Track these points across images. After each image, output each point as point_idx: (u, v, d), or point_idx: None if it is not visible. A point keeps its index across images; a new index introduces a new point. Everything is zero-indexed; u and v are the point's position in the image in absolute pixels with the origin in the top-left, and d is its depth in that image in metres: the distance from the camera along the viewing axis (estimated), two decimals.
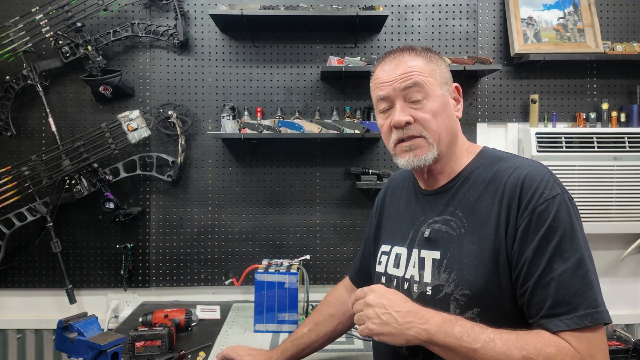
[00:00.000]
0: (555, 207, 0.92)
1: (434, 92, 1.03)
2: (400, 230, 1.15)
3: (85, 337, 1.24)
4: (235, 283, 2.05)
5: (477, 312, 0.95)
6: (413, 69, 1.03)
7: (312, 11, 2.10)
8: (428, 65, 1.05)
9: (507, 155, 1.07)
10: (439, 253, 1.02)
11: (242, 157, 2.27)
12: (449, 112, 1.06)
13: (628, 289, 2.35)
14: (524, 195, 0.94)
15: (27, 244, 2.20)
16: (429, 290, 1.01)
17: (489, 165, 1.05)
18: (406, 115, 1.02)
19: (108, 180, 2.12)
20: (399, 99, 1.04)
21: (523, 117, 2.32)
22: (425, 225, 1.07)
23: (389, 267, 1.13)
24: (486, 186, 1.01)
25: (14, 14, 2.12)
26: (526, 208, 0.93)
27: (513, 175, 0.98)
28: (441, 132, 1.03)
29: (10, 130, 2.15)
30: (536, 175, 0.96)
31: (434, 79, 1.04)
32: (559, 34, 2.28)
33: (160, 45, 2.24)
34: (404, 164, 1.06)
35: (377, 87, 1.07)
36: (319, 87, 2.28)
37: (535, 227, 0.92)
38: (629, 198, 2.16)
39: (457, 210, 1.03)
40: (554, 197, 0.93)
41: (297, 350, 1.32)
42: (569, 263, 0.89)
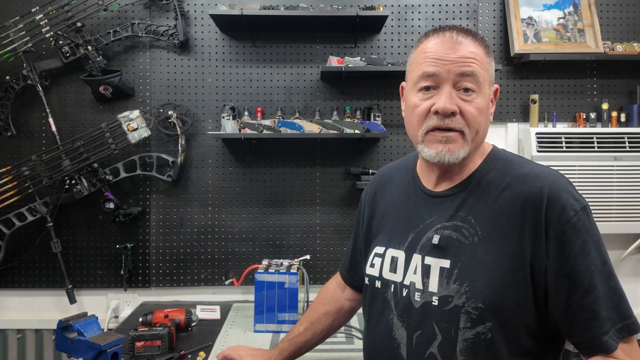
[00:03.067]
0: (585, 220, 0.89)
1: (484, 87, 0.96)
2: (397, 231, 1.07)
3: (85, 337, 1.24)
4: (235, 283, 2.05)
5: (489, 326, 0.90)
6: (474, 56, 0.94)
7: (312, 11, 2.10)
8: (486, 58, 0.97)
9: (521, 160, 1.01)
10: (449, 262, 0.95)
11: (242, 157, 2.27)
12: (488, 113, 0.99)
13: (628, 289, 2.33)
14: (553, 208, 0.89)
15: (27, 244, 2.20)
16: (435, 300, 0.94)
17: (502, 169, 0.98)
18: (454, 105, 0.92)
19: (108, 180, 2.12)
20: (448, 83, 0.93)
21: (523, 117, 2.32)
22: (433, 230, 0.99)
23: (384, 271, 1.06)
24: (501, 193, 0.95)
25: (14, 14, 2.12)
26: (558, 221, 0.88)
27: (535, 185, 0.92)
28: (480, 132, 0.96)
29: (10, 130, 2.15)
30: (560, 186, 0.92)
31: (487, 74, 0.97)
32: (559, 34, 2.28)
33: (160, 45, 2.24)
34: (432, 156, 0.96)
35: (426, 61, 0.95)
36: (319, 87, 2.28)
37: (570, 242, 0.88)
38: (629, 198, 2.16)
39: (469, 217, 0.96)
40: (583, 209, 0.90)
41: (294, 349, 1.30)
42: (604, 276, 0.88)
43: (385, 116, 2.26)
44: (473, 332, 0.91)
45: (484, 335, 0.90)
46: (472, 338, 0.91)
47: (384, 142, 2.29)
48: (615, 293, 0.89)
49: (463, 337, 0.91)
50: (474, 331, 0.90)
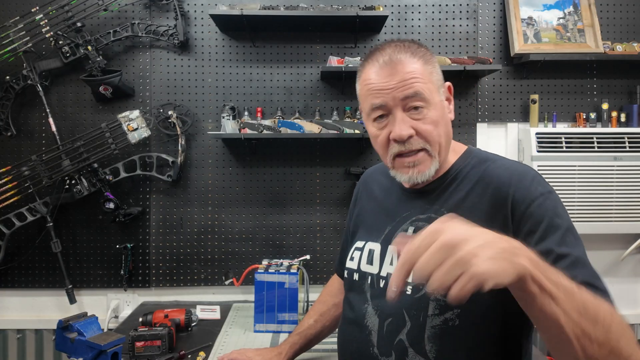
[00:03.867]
0: (551, 202, 0.91)
1: (433, 99, 0.98)
2: (376, 225, 1.11)
3: (85, 337, 1.24)
4: (235, 283, 2.05)
5: (457, 312, 0.93)
6: (412, 75, 0.96)
7: (312, 11, 2.10)
8: (426, 68, 0.99)
9: (494, 157, 1.04)
10: None
11: (242, 157, 2.27)
12: (446, 119, 1.01)
13: (628, 289, 2.35)
14: (519, 191, 0.92)
15: (27, 244, 2.20)
16: (409, 289, 0.98)
17: (476, 165, 1.02)
18: (408, 129, 0.95)
19: (108, 180, 2.12)
20: (398, 109, 0.96)
21: (523, 117, 2.32)
22: (408, 222, 1.04)
23: (362, 263, 1.10)
24: (473, 186, 0.99)
25: (14, 14, 2.12)
26: (523, 201, 0.90)
27: (503, 174, 0.96)
28: (442, 142, 0.99)
29: (10, 130, 2.15)
30: (527, 172, 0.96)
31: (432, 84, 0.99)
32: (559, 34, 2.28)
33: (160, 45, 2.24)
34: (405, 180, 1.02)
35: (371, 94, 0.99)
36: (319, 87, 2.28)
37: (538, 222, 0.88)
38: (629, 198, 2.16)
39: (442, 209, 1.00)
40: (550, 192, 0.93)
41: (305, 342, 1.34)
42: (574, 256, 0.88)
43: None
44: (441, 319, 0.93)
45: (452, 321, 0.92)
46: (439, 324, 0.93)
47: None
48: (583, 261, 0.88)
49: (431, 324, 0.94)
50: (441, 317, 0.93)
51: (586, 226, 2.16)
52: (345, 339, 1.11)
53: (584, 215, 2.16)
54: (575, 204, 2.16)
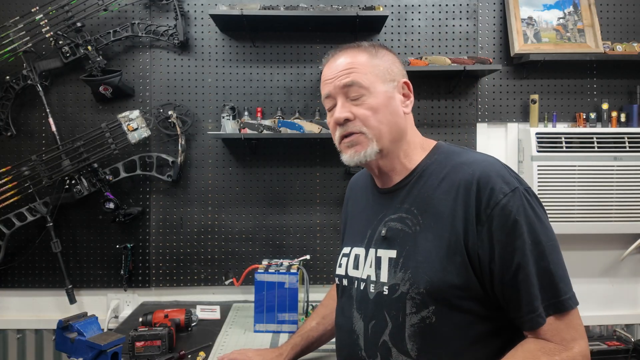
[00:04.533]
0: (516, 201, 0.91)
1: (374, 88, 1.02)
2: (359, 230, 1.13)
3: (85, 337, 1.24)
4: (235, 283, 2.05)
5: (432, 310, 0.94)
6: (352, 65, 1.03)
7: (312, 11, 2.10)
8: (371, 61, 1.04)
9: (461, 150, 1.06)
10: (395, 252, 1.00)
11: (242, 157, 2.27)
12: (392, 109, 1.04)
13: (628, 289, 2.35)
14: (482, 192, 0.93)
15: (27, 244, 2.20)
16: (386, 289, 0.99)
17: (443, 161, 1.03)
18: (345, 112, 1.02)
19: (108, 180, 2.12)
20: (340, 96, 1.04)
21: (523, 117, 2.32)
22: (382, 223, 1.05)
23: (349, 268, 1.11)
24: (440, 182, 1.00)
25: (14, 14, 2.12)
26: (487, 205, 0.92)
27: (467, 171, 0.96)
28: (382, 128, 1.02)
29: (10, 130, 2.15)
30: (491, 169, 0.95)
31: (375, 76, 1.03)
32: (559, 34, 2.28)
33: (160, 45, 2.24)
34: (347, 160, 1.06)
35: (322, 86, 1.09)
36: (319, 87, 2.27)
37: (500, 224, 0.91)
38: (629, 198, 2.16)
39: (412, 208, 1.01)
40: (513, 191, 0.92)
41: (306, 344, 1.34)
42: (535, 256, 0.90)
43: None
44: (418, 317, 0.94)
45: (429, 319, 0.93)
46: (418, 323, 0.95)
47: None
48: (546, 272, 0.89)
49: (410, 322, 0.95)
50: (419, 316, 0.94)
51: (586, 226, 2.16)
52: (339, 345, 1.12)
53: (584, 215, 2.16)
54: (575, 204, 2.16)
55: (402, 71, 1.10)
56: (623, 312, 2.33)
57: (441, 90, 2.28)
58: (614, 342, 2.21)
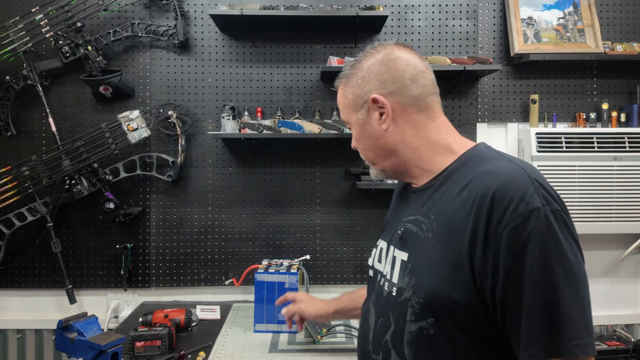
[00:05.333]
0: (531, 225, 0.79)
1: (351, 120, 1.08)
2: (390, 225, 1.14)
3: (85, 337, 1.24)
4: (235, 283, 2.05)
5: (431, 322, 0.89)
6: (338, 101, 1.10)
7: (312, 11, 2.10)
8: (343, 92, 1.08)
9: (495, 156, 0.95)
10: (407, 255, 0.98)
11: (242, 157, 2.27)
12: (369, 133, 1.05)
13: (628, 289, 2.35)
14: (496, 210, 0.82)
15: (27, 244, 2.20)
16: (394, 291, 0.98)
17: (473, 165, 0.93)
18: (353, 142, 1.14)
19: (108, 180, 2.12)
20: None
21: (523, 117, 2.32)
22: (402, 223, 1.03)
23: (375, 260, 1.12)
24: (461, 190, 0.91)
25: (14, 14, 2.12)
26: (498, 225, 0.81)
27: (488, 183, 0.85)
28: (368, 155, 1.09)
29: (10, 130, 2.15)
30: (513, 184, 0.83)
31: (348, 108, 1.08)
32: (559, 34, 2.28)
33: (160, 45, 2.24)
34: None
35: None
36: (319, 87, 2.28)
37: (507, 247, 0.80)
38: (629, 198, 2.16)
39: (430, 212, 0.96)
40: (531, 212, 0.79)
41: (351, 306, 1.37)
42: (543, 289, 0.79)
43: None
44: (417, 326, 0.91)
45: (427, 330, 0.90)
46: (415, 331, 0.92)
47: None
48: (553, 309, 0.77)
49: (409, 329, 0.93)
50: (417, 325, 0.91)
51: (586, 226, 2.16)
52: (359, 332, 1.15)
53: (584, 215, 2.16)
54: (575, 204, 2.16)
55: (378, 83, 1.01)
56: (623, 312, 2.33)
57: (441, 90, 2.21)
58: (614, 342, 2.21)
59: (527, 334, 0.79)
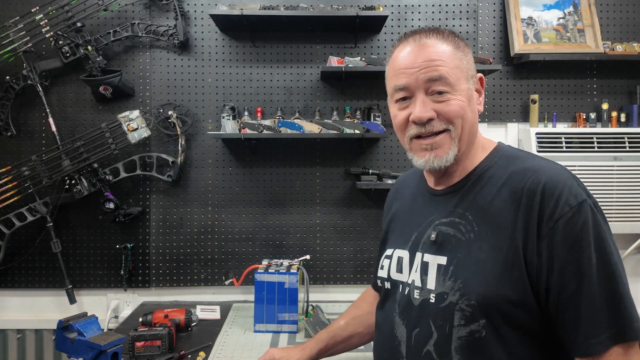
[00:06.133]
0: (582, 216, 0.84)
1: (459, 85, 0.94)
2: (404, 232, 1.07)
3: (85, 337, 1.24)
4: (235, 283, 2.05)
5: (483, 324, 0.87)
6: (439, 57, 0.93)
7: (312, 11, 2.10)
8: (455, 54, 0.95)
9: (524, 155, 0.98)
10: (446, 258, 0.94)
11: (242, 157, 2.27)
12: (472, 107, 0.96)
13: None
14: (547, 204, 0.85)
15: (27, 244, 2.20)
16: (432, 297, 0.93)
17: (504, 165, 0.95)
18: (429, 111, 0.92)
19: (108, 180, 2.12)
20: (420, 91, 0.94)
21: (523, 117, 2.32)
22: (432, 227, 0.99)
23: (392, 271, 1.06)
24: (500, 188, 0.92)
25: (14, 14, 2.12)
26: (550, 218, 0.84)
27: (532, 179, 0.89)
28: (465, 129, 0.95)
29: (10, 130, 2.15)
30: (558, 179, 0.88)
31: (460, 71, 0.94)
32: (559, 34, 2.28)
33: (160, 45, 2.24)
34: (421, 164, 0.97)
35: (396, 75, 0.96)
36: (319, 87, 2.28)
37: (563, 239, 0.83)
38: (629, 198, 2.16)
39: (467, 213, 0.94)
40: (580, 204, 0.85)
41: (332, 342, 1.26)
42: (602, 276, 0.82)
43: (386, 116, 2.26)
44: (467, 330, 0.89)
45: (478, 333, 0.87)
46: (466, 336, 0.89)
47: (384, 142, 2.29)
48: (615, 295, 0.81)
49: (457, 335, 0.89)
50: (467, 329, 0.88)
51: None
52: (378, 348, 1.08)
53: None
54: None
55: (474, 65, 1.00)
56: None
57: None
58: None
59: (588, 322, 0.81)
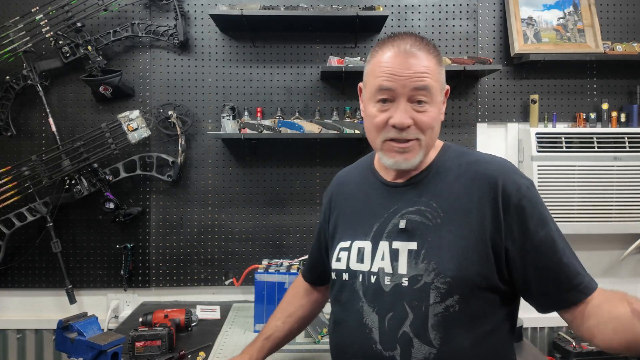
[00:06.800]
0: (535, 194, 1.01)
1: (436, 98, 1.03)
2: (361, 223, 1.12)
3: (85, 337, 1.24)
4: (235, 283, 2.05)
5: (457, 299, 0.97)
6: (427, 70, 1.00)
7: (312, 11, 2.10)
8: (437, 68, 1.03)
9: (469, 150, 1.13)
10: (416, 244, 1.02)
11: (242, 157, 2.27)
12: (440, 118, 1.07)
13: (628, 289, 2.34)
14: (510, 187, 0.99)
15: (27, 244, 2.20)
16: (405, 281, 1.00)
17: (455, 159, 1.09)
18: (409, 118, 1.00)
19: (108, 180, 2.12)
20: (403, 98, 1.00)
21: (523, 117, 2.32)
22: (399, 216, 1.06)
23: (352, 262, 1.10)
24: (457, 178, 1.04)
25: (14, 14, 2.12)
26: (517, 197, 0.98)
27: (489, 168, 1.03)
28: (433, 138, 1.06)
29: (10, 130, 2.15)
30: (508, 168, 1.04)
31: (438, 85, 1.04)
32: (559, 34, 2.28)
33: (160, 45, 2.24)
34: (390, 164, 1.06)
35: (382, 76, 1.01)
36: (319, 87, 2.28)
37: (529, 215, 0.98)
38: (629, 198, 2.16)
39: (431, 201, 1.04)
40: (528, 187, 1.01)
41: (272, 345, 1.33)
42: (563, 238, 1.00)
43: None
44: (442, 306, 0.97)
45: (452, 307, 0.97)
46: (442, 312, 0.97)
47: None
48: (569, 258, 0.98)
49: (434, 312, 0.98)
50: (443, 305, 0.97)
51: (586, 226, 2.16)
52: (343, 342, 1.10)
53: (584, 215, 2.16)
54: (575, 204, 2.16)
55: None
56: None
57: None
58: None
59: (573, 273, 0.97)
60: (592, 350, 2.11)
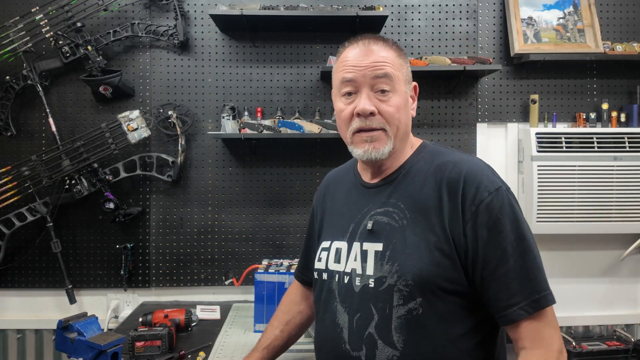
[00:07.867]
0: (499, 199, 0.97)
1: (399, 87, 1.04)
2: (340, 224, 1.14)
3: (85, 337, 1.24)
4: (235, 283, 2.05)
5: (419, 301, 0.96)
6: (385, 60, 1.03)
7: (312, 11, 2.10)
8: (398, 60, 1.06)
9: (446, 150, 1.11)
10: (382, 245, 1.02)
11: (242, 157, 2.27)
12: (407, 110, 1.07)
13: (628, 289, 2.35)
14: (468, 190, 0.97)
15: (27, 244, 2.20)
16: (372, 282, 1.01)
17: (429, 159, 1.08)
18: (371, 105, 1.01)
19: (108, 180, 2.12)
20: (365, 87, 1.03)
21: (523, 117, 2.32)
22: (368, 217, 1.07)
23: (330, 262, 1.12)
24: (427, 179, 1.04)
25: (14, 14, 2.12)
26: (472, 202, 0.96)
27: (454, 169, 1.01)
28: (400, 127, 1.05)
29: (10, 130, 2.15)
30: (477, 169, 1.01)
31: (401, 74, 1.05)
32: (559, 34, 2.28)
33: (160, 45, 2.24)
34: (360, 155, 1.06)
35: (344, 69, 1.05)
36: (319, 87, 2.28)
37: (484, 221, 0.95)
38: (629, 198, 2.16)
39: (399, 202, 1.04)
40: (497, 190, 0.97)
41: (272, 355, 1.30)
42: (518, 252, 0.94)
43: None
44: (405, 309, 0.97)
45: (416, 310, 0.96)
46: (404, 314, 0.97)
47: None
48: (528, 268, 0.94)
49: (397, 314, 0.97)
50: (406, 307, 0.96)
51: (586, 226, 2.16)
52: (321, 339, 1.11)
53: (584, 215, 2.16)
54: (575, 204, 2.16)
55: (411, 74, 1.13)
56: (623, 312, 2.33)
57: (441, 90, 2.28)
58: (614, 342, 2.21)
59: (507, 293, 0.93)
60: (592, 351, 2.12)
